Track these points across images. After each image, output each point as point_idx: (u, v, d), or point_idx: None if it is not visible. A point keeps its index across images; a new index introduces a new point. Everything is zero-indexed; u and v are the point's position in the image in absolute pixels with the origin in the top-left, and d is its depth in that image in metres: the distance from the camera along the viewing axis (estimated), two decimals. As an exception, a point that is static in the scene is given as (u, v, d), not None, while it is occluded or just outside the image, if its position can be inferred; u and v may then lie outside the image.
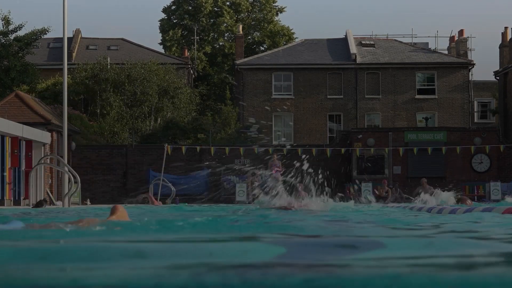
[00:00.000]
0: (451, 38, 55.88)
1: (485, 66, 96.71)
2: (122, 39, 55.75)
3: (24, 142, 28.33)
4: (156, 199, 26.89)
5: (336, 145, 38.93)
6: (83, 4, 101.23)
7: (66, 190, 25.11)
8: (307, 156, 20.00)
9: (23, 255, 3.44)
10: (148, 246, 4.01)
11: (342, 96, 46.93)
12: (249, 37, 63.49)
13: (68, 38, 41.67)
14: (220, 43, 63.63)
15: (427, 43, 55.59)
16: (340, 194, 22.95)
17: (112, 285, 2.62)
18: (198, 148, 37.61)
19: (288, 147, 36.78)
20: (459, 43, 53.90)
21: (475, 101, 53.78)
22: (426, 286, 2.58)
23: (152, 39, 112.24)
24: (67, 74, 30.11)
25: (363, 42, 50.32)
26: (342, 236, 5.24)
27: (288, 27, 64.52)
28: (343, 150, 37.04)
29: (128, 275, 2.81)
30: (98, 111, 44.23)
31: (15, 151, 27.51)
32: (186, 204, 24.54)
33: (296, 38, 62.12)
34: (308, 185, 22.44)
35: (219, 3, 63.46)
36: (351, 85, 47.04)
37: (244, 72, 47.24)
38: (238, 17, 63.79)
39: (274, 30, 63.46)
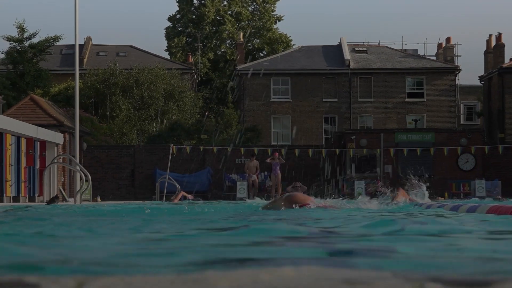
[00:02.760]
0: (439, 45, 55.90)
1: (470, 71, 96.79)
2: (130, 46, 55.74)
3: (38, 142, 28.35)
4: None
5: (331, 145, 38.92)
6: (93, 13, 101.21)
7: (78, 188, 25.10)
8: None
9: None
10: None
11: (336, 100, 46.93)
12: (249, 44, 63.50)
13: (80, 45, 41.73)
14: (222, 50, 63.66)
15: (416, 50, 55.57)
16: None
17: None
18: (201, 148, 37.62)
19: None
20: (446, 50, 53.90)
21: (461, 104, 53.79)
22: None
23: (158, 46, 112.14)
24: (79, 79, 30.13)
25: (356, 48, 50.32)
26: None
27: (286, 34, 64.56)
28: (337, 150, 37.01)
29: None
30: (108, 113, 44.25)
31: (30, 151, 27.53)
32: (190, 200, 24.48)
33: (293, 45, 62.13)
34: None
35: (221, 12, 63.48)
36: (345, 89, 47.05)
37: (245, 77, 47.23)
38: (239, 25, 63.82)
39: (272, 38, 63.48)
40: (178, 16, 64.03)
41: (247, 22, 64.63)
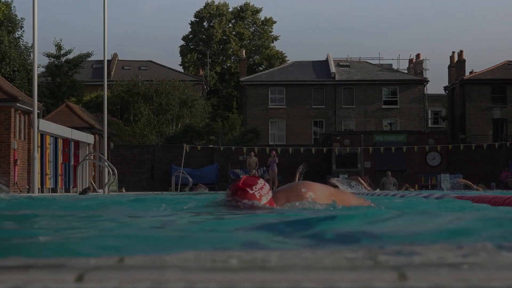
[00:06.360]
0: (410, 60, 55.78)
1: (437, 82, 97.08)
2: (151, 61, 55.65)
3: (72, 142, 28.30)
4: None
5: (319, 145, 38.85)
6: (119, 33, 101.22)
7: (106, 180, 25.05)
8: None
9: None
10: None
11: (324, 106, 46.83)
12: (251, 59, 63.40)
13: (108, 61, 41.55)
14: (228, 64, 63.56)
15: (391, 64, 55.43)
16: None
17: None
18: (210, 147, 37.54)
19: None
20: (416, 64, 53.79)
21: (429, 110, 53.72)
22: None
23: (174, 61, 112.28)
24: (107, 89, 30.04)
25: (340, 63, 50.21)
26: None
27: (281, 51, 64.42)
28: (325, 149, 36.96)
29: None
30: (131, 118, 44.20)
31: (66, 149, 27.49)
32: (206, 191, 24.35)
33: (287, 60, 61.97)
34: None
35: (227, 32, 63.38)
36: (331, 98, 46.96)
37: (247, 87, 47.16)
38: (242, 43, 63.72)
39: (270, 54, 63.35)
40: (191, 36, 63.93)
41: (248, 41, 64.52)
